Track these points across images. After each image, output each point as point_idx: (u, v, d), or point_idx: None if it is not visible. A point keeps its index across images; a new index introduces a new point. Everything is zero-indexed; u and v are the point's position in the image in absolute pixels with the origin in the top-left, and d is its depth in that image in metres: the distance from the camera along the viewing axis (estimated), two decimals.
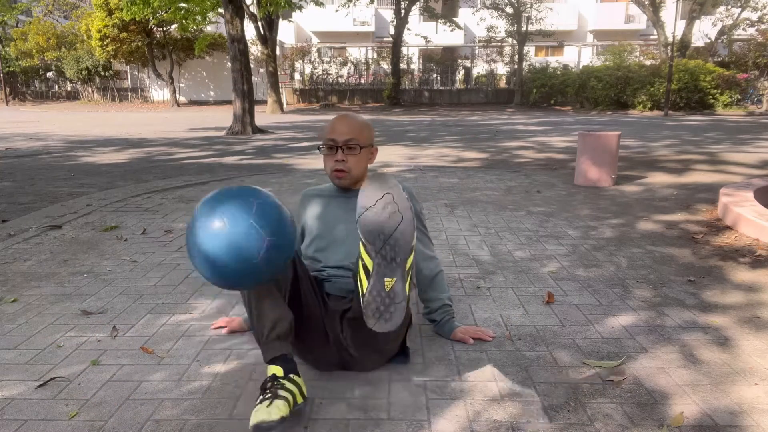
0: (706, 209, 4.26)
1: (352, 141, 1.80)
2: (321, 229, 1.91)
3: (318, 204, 1.95)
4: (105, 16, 23.73)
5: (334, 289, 1.87)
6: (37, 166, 7.08)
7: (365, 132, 1.85)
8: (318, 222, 1.92)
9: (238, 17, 11.61)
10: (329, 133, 1.82)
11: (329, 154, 1.84)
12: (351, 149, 1.81)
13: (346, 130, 1.81)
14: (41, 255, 3.11)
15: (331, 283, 1.87)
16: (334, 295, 1.85)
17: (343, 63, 26.69)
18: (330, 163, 1.84)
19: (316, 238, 1.92)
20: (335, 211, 1.91)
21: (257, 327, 1.56)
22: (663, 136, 10.96)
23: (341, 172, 1.82)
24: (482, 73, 27.10)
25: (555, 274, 2.76)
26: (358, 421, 1.53)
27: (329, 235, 1.90)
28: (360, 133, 1.82)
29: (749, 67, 21.73)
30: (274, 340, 1.54)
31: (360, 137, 1.82)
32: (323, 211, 1.93)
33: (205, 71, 28.86)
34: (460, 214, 4.12)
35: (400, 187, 1.47)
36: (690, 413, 1.57)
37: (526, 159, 7.56)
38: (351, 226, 1.82)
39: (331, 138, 1.81)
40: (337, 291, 1.86)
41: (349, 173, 1.83)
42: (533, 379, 1.76)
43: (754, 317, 2.25)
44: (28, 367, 1.85)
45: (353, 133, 1.81)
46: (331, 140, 1.81)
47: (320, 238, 1.91)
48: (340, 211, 1.90)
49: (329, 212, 1.92)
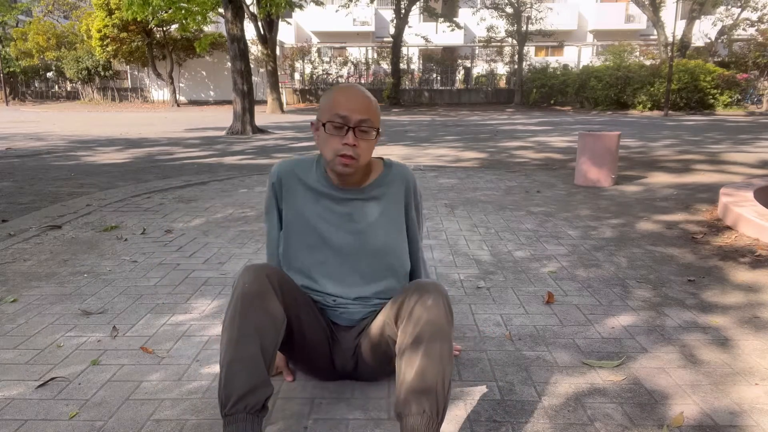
0: (706, 209, 4.25)
1: (366, 122, 1.42)
2: (312, 237, 1.55)
3: (303, 197, 1.56)
4: (105, 16, 23.74)
5: (340, 318, 1.59)
6: (37, 166, 7.08)
7: (378, 113, 1.47)
8: (306, 224, 1.55)
9: (238, 17, 11.61)
10: (338, 108, 1.41)
11: (336, 135, 1.42)
12: (365, 132, 1.42)
13: (362, 108, 1.41)
14: (41, 255, 3.11)
15: (338, 313, 1.59)
16: (342, 326, 1.60)
17: (343, 63, 26.69)
18: (335, 145, 1.42)
19: (307, 247, 1.56)
20: (327, 215, 1.54)
21: (222, 389, 1.28)
22: (663, 136, 10.96)
23: (349, 158, 1.41)
24: (482, 73, 27.10)
25: (555, 274, 2.76)
26: (358, 421, 1.53)
27: (326, 250, 1.55)
28: (375, 113, 1.45)
29: (749, 67, 21.74)
30: (241, 413, 1.25)
31: (375, 118, 1.45)
32: (312, 211, 1.54)
33: (205, 71, 28.86)
34: (460, 214, 4.11)
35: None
36: (690, 413, 1.57)
37: (526, 159, 7.56)
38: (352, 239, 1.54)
39: (341, 115, 1.40)
40: (345, 321, 1.60)
41: (357, 161, 1.43)
42: (533, 379, 1.75)
43: (754, 317, 2.25)
44: (28, 367, 1.85)
45: (369, 112, 1.42)
46: (342, 118, 1.40)
47: (313, 250, 1.55)
48: (336, 216, 1.54)
49: (321, 214, 1.54)
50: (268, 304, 1.36)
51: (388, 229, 1.56)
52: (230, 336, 1.32)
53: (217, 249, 3.22)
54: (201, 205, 4.41)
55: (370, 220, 1.55)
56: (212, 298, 2.46)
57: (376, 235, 1.55)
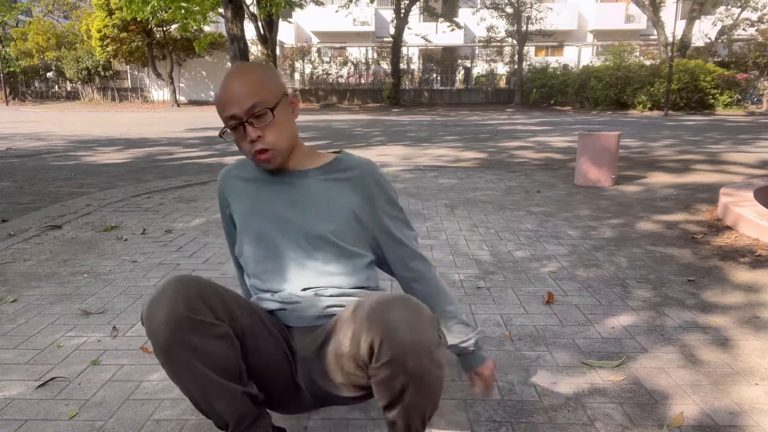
0: (706, 209, 4.25)
1: (257, 106, 1.24)
2: (255, 229, 1.36)
3: (245, 192, 1.40)
4: (105, 16, 23.74)
5: (295, 319, 1.32)
6: (37, 166, 7.08)
7: (269, 83, 1.27)
8: (249, 217, 1.38)
9: (238, 17, 11.61)
10: (224, 108, 1.25)
11: (239, 136, 1.28)
12: (261, 118, 1.24)
13: (244, 94, 1.23)
14: (41, 255, 3.11)
15: (288, 312, 1.32)
16: (297, 328, 1.32)
17: (343, 63, 26.69)
18: (245, 146, 1.28)
19: (252, 242, 1.37)
20: (269, 203, 1.36)
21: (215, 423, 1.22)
22: (663, 136, 10.96)
23: (264, 152, 1.27)
24: (482, 73, 27.10)
25: (555, 274, 2.76)
26: (358, 421, 1.53)
27: (268, 241, 1.34)
28: (263, 88, 1.25)
29: (749, 67, 21.73)
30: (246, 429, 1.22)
31: (266, 94, 1.25)
32: (253, 205, 1.38)
33: (205, 71, 28.86)
34: (460, 214, 4.11)
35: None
36: (690, 413, 1.57)
37: (526, 159, 7.55)
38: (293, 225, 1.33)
39: (229, 114, 1.25)
40: (301, 322, 1.32)
41: (275, 149, 1.27)
42: (533, 379, 1.75)
43: (754, 317, 2.25)
44: (28, 367, 1.85)
45: (255, 94, 1.24)
46: (231, 117, 1.25)
47: (257, 246, 1.36)
48: (278, 202, 1.36)
49: (261, 205, 1.37)
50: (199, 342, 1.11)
51: (335, 216, 1.33)
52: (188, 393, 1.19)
53: (217, 249, 3.22)
54: (201, 205, 4.41)
55: (313, 204, 1.34)
56: None
57: (321, 220, 1.33)
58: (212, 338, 1.12)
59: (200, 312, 1.11)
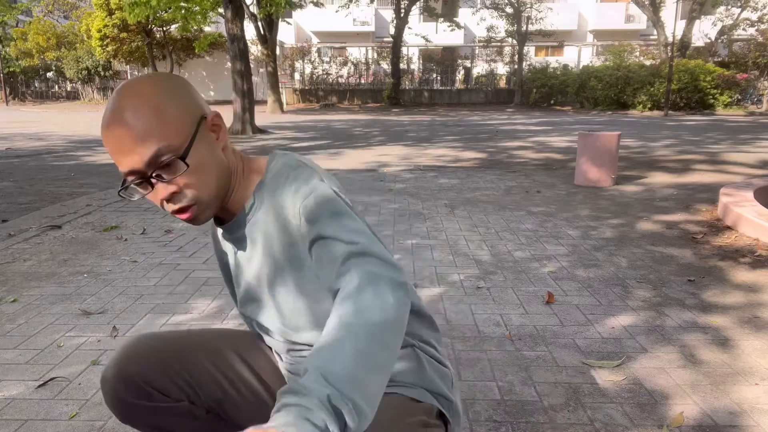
0: (706, 209, 4.26)
1: (162, 153, 0.84)
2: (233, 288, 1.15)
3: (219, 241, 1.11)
4: (105, 16, 23.76)
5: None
6: (38, 166, 7.08)
7: (173, 113, 0.86)
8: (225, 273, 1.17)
9: (238, 17, 11.62)
10: (116, 160, 0.86)
11: (146, 192, 0.89)
12: (168, 168, 0.86)
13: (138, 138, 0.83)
14: (41, 255, 3.11)
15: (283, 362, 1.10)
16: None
17: (343, 63, 26.69)
18: (157, 203, 0.90)
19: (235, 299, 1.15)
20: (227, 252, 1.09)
21: None
22: (663, 136, 10.96)
23: (185, 211, 0.90)
24: (482, 73, 27.10)
25: (555, 274, 2.76)
26: None
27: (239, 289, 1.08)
28: (165, 124, 0.85)
29: (749, 67, 21.72)
30: None
31: (171, 132, 0.85)
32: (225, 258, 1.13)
33: (205, 71, 28.88)
34: (460, 214, 4.11)
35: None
36: (690, 413, 1.57)
37: (526, 159, 7.55)
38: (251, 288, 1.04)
39: (128, 171, 0.86)
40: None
41: (198, 203, 0.90)
42: (533, 379, 1.75)
43: (754, 317, 2.25)
44: (28, 367, 1.85)
45: (154, 136, 0.84)
46: (131, 173, 0.86)
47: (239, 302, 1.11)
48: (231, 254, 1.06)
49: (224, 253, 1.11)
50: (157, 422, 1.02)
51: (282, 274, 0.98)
52: None
53: None
54: None
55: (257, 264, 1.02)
56: (212, 298, 2.46)
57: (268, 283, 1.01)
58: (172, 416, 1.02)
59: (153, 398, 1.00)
